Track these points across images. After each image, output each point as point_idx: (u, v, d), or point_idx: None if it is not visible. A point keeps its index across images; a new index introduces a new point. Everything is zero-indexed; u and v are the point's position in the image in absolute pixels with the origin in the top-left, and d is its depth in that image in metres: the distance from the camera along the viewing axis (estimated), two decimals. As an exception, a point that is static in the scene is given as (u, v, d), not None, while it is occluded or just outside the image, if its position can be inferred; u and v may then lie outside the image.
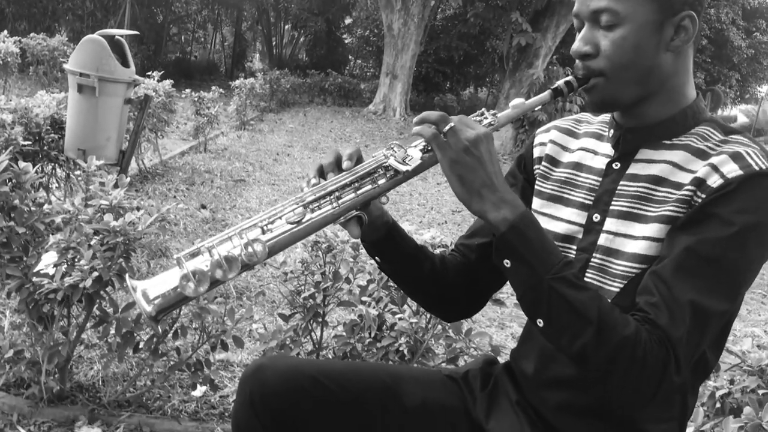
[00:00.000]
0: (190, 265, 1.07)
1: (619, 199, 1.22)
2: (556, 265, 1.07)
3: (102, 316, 2.42)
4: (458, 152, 1.08)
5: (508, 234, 1.08)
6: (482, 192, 1.09)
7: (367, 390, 1.34)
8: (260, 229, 1.12)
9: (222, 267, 1.07)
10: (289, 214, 1.13)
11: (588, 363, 1.06)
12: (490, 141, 1.11)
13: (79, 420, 2.52)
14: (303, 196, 1.15)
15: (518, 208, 1.10)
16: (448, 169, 1.10)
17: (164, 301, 1.08)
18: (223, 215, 5.95)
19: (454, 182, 1.10)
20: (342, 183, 1.17)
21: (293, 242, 1.15)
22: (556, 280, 1.05)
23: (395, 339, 2.35)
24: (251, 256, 1.08)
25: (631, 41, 1.16)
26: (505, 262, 1.10)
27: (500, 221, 1.08)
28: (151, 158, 7.28)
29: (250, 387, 1.30)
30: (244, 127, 11.59)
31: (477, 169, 1.08)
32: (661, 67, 1.19)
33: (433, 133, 1.11)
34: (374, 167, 1.18)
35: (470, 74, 21.94)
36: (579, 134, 1.39)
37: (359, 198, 1.17)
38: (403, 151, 1.17)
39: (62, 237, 2.31)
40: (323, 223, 1.16)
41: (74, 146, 4.75)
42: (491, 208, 1.09)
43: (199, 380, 2.55)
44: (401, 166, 1.15)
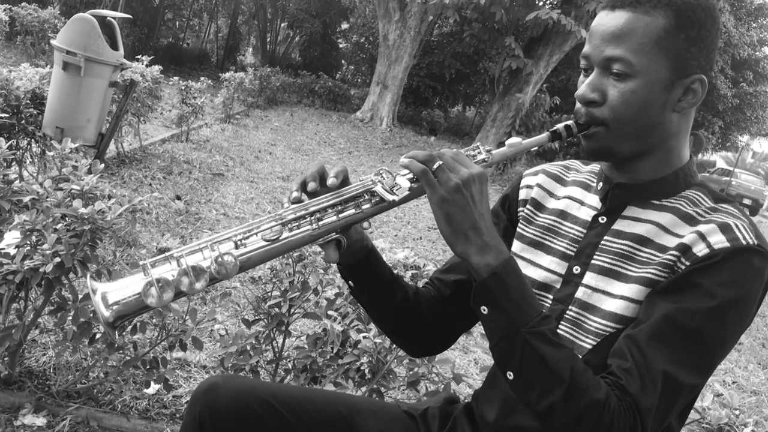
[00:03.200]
0: (156, 272, 1.03)
1: (602, 254, 1.20)
2: (534, 318, 1.04)
3: (60, 303, 2.36)
4: (449, 191, 1.05)
5: (488, 280, 1.05)
6: (468, 234, 1.06)
7: (322, 420, 1.30)
8: (234, 243, 1.08)
9: (189, 278, 1.03)
10: (266, 230, 1.09)
11: (553, 422, 1.03)
12: (483, 182, 1.08)
13: (24, 408, 2.44)
14: (282, 213, 1.11)
15: (502, 255, 1.07)
16: (437, 206, 1.06)
17: (124, 307, 1.04)
18: (198, 208, 5.87)
19: (441, 221, 1.07)
20: (324, 204, 1.13)
21: (267, 259, 1.11)
22: (532, 334, 1.02)
23: (357, 357, 2.31)
24: (221, 270, 1.04)
25: (640, 96, 1.14)
26: (482, 309, 1.07)
27: (483, 266, 1.05)
28: (131, 142, 7.18)
29: (200, 407, 1.26)
30: (228, 121, 11.50)
31: (465, 209, 1.05)
32: (664, 126, 1.17)
33: (423, 169, 1.07)
34: (360, 191, 1.14)
35: (460, 92, 22.02)
36: (567, 181, 1.37)
37: (340, 221, 1.14)
38: (391, 178, 1.14)
39: (27, 218, 2.24)
40: (300, 243, 1.12)
41: (53, 124, 4.66)
42: (475, 251, 1.06)
43: (154, 378, 2.49)
44: (388, 195, 1.12)
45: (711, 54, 1.16)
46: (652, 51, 1.11)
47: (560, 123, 1.21)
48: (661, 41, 1.11)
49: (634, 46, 1.12)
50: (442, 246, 6.97)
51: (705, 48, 1.14)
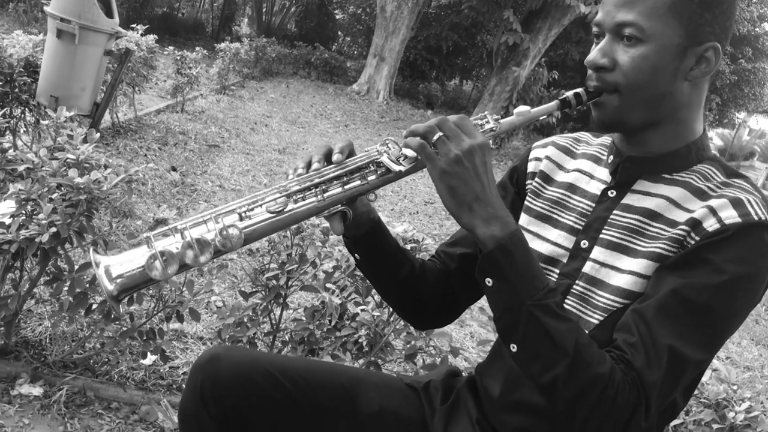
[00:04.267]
0: (160, 245, 1.01)
1: (611, 229, 1.18)
2: (539, 291, 1.02)
3: (56, 274, 2.34)
4: (449, 163, 1.03)
5: (494, 252, 1.03)
6: (473, 206, 1.04)
7: (323, 391, 1.30)
8: (238, 215, 1.06)
9: (193, 250, 1.01)
10: (270, 202, 1.07)
11: (556, 395, 1.02)
12: (486, 152, 1.05)
13: (20, 377, 2.44)
14: (287, 185, 1.09)
15: (509, 226, 1.04)
16: (438, 179, 1.04)
17: (128, 281, 1.02)
18: (193, 180, 5.84)
19: (444, 193, 1.04)
20: (330, 176, 1.11)
21: (271, 232, 1.09)
22: (537, 307, 1.01)
23: (355, 330, 2.31)
24: (225, 242, 1.02)
25: (652, 61, 1.11)
26: (486, 281, 1.05)
27: (488, 238, 1.03)
28: (126, 113, 7.10)
29: (201, 377, 1.24)
30: (224, 92, 11.39)
31: (468, 181, 1.03)
32: (675, 95, 1.15)
33: (420, 143, 1.05)
34: (366, 162, 1.12)
35: (457, 66, 21.85)
36: (576, 154, 1.35)
37: (346, 193, 1.12)
38: (397, 148, 1.11)
39: (23, 187, 2.22)
40: (305, 216, 1.10)
41: (47, 92, 4.60)
42: (481, 223, 1.04)
43: (150, 349, 2.49)
44: (394, 165, 1.09)
45: (726, 22, 1.13)
46: (664, 15, 1.09)
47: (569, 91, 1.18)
48: (675, 6, 1.08)
49: (647, 10, 1.09)
50: (439, 220, 6.97)
51: (720, 14, 1.11)
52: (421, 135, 1.06)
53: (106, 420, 2.40)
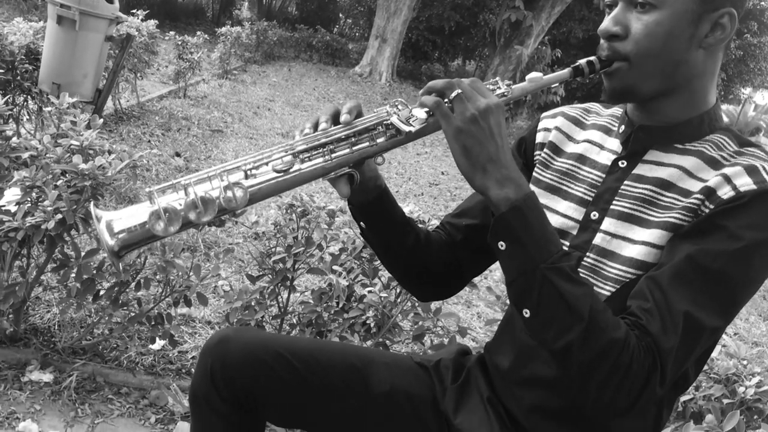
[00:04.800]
0: (163, 201, 0.98)
1: (622, 200, 1.17)
2: (554, 254, 1.00)
3: (63, 260, 2.34)
4: (465, 121, 1.01)
5: (508, 214, 1.01)
6: (487, 167, 1.01)
7: (334, 371, 1.29)
8: (243, 173, 1.03)
9: (197, 208, 0.98)
10: (276, 161, 1.05)
11: (570, 361, 1.00)
12: (501, 113, 1.03)
13: (31, 364, 2.45)
14: (294, 144, 1.07)
15: (522, 188, 1.02)
16: (453, 138, 1.02)
17: (129, 236, 0.99)
18: (198, 165, 5.83)
19: (458, 153, 1.02)
20: (337, 136, 1.08)
21: (277, 192, 1.06)
22: (552, 270, 0.99)
23: (363, 311, 2.31)
24: (230, 201, 1.00)
25: (665, 28, 1.09)
26: (499, 244, 1.03)
27: (502, 200, 1.01)
28: (128, 99, 7.08)
29: (211, 359, 1.24)
30: (226, 77, 11.34)
31: (484, 141, 1.01)
32: (689, 63, 1.13)
33: (436, 101, 1.03)
34: (374, 123, 1.10)
35: (460, 46, 21.69)
36: (586, 125, 1.32)
37: (354, 155, 1.09)
38: (407, 110, 1.09)
39: (27, 174, 2.21)
40: (312, 176, 1.07)
41: (49, 80, 4.58)
42: (494, 185, 1.01)
43: (159, 334, 2.49)
44: (404, 126, 1.07)
45: None
46: None
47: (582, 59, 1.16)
48: None
49: None
50: (444, 202, 6.95)
51: None
52: (438, 91, 1.04)
53: (116, 405, 2.41)
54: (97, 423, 2.30)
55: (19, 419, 2.21)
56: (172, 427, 2.37)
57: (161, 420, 2.39)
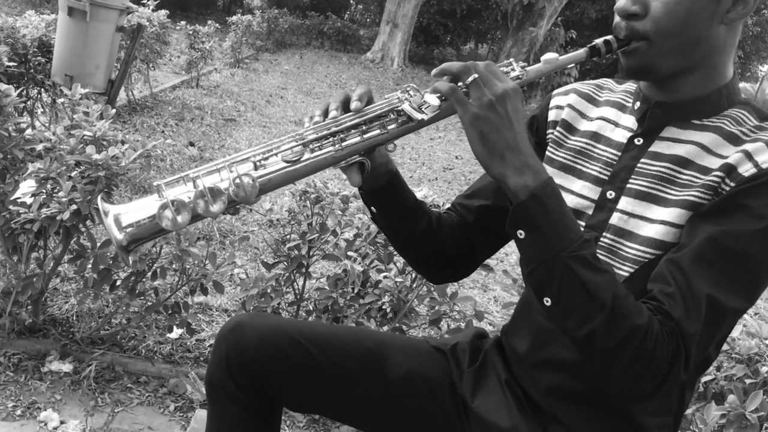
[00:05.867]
0: (171, 193, 0.97)
1: (638, 178, 1.14)
2: (574, 242, 0.98)
3: (79, 251, 2.35)
4: (482, 107, 0.98)
5: (527, 203, 0.98)
6: (505, 154, 0.99)
7: (350, 355, 1.28)
8: (253, 164, 1.01)
9: (206, 200, 0.96)
10: (286, 151, 1.03)
11: (593, 349, 0.98)
12: (518, 97, 1.00)
13: (50, 354, 2.47)
14: (303, 133, 1.05)
15: (541, 175, 1.00)
16: (469, 125, 0.99)
17: (138, 230, 0.98)
18: (212, 154, 5.84)
19: (475, 140, 0.99)
20: (348, 124, 1.06)
21: (287, 182, 1.04)
22: (573, 258, 0.97)
23: (379, 297, 2.30)
24: (239, 192, 0.98)
25: (686, 6, 1.05)
26: (518, 233, 1.00)
27: (520, 188, 0.98)
28: (141, 90, 7.10)
29: (227, 345, 1.24)
30: (238, 65, 11.34)
31: (501, 128, 0.98)
32: (710, 40, 1.09)
33: (451, 87, 1.00)
34: (385, 110, 1.07)
35: (472, 29, 21.53)
36: (600, 102, 1.29)
37: (365, 142, 1.07)
38: (419, 96, 1.06)
39: (42, 166, 2.22)
40: (322, 166, 1.05)
41: (61, 71, 4.60)
42: (513, 172, 0.99)
43: (176, 323, 2.50)
44: (416, 113, 1.04)
45: None
46: None
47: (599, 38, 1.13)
48: None
49: None
50: (458, 186, 6.92)
51: None
52: (454, 75, 1.01)
53: (135, 394, 2.42)
54: (117, 412, 2.32)
55: (40, 409, 2.23)
56: (191, 415, 2.38)
57: (180, 408, 2.41)
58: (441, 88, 1.02)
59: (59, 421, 2.19)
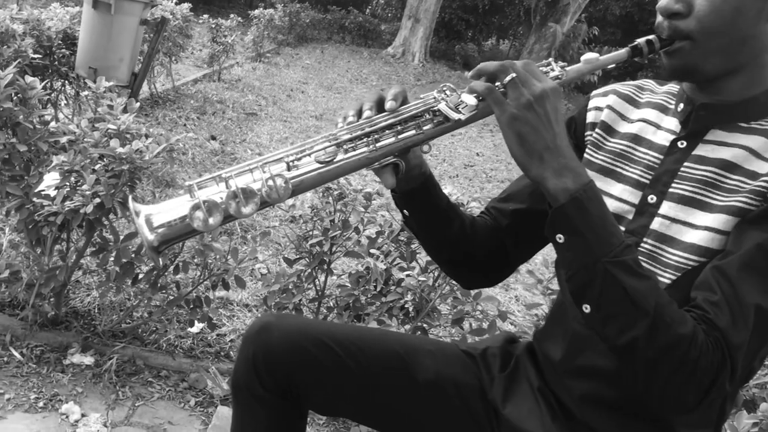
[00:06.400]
0: (203, 194, 0.95)
1: (681, 182, 1.10)
2: (616, 247, 0.94)
3: (102, 244, 2.35)
4: (519, 108, 0.95)
5: (567, 206, 0.95)
6: (543, 155, 0.95)
7: (378, 359, 1.26)
8: (286, 164, 0.99)
9: (238, 201, 0.94)
10: (319, 152, 1.00)
11: (634, 357, 0.95)
12: (558, 97, 0.97)
13: (72, 347, 2.47)
14: (337, 133, 1.03)
15: (582, 177, 0.96)
16: (507, 126, 0.96)
17: (169, 231, 0.96)
18: (233, 148, 5.84)
19: (513, 142, 0.96)
20: (382, 124, 1.03)
21: (320, 183, 1.03)
22: (614, 264, 0.93)
23: (401, 295, 2.28)
24: (272, 194, 0.96)
25: (732, 3, 1.01)
26: (558, 237, 0.97)
27: (560, 191, 0.95)
28: (164, 83, 7.13)
29: (253, 347, 1.22)
30: (259, 59, 11.35)
31: (540, 128, 0.95)
32: (757, 38, 1.05)
33: (488, 87, 0.97)
34: (421, 110, 1.04)
35: (494, 25, 21.40)
36: (640, 103, 1.25)
37: (400, 143, 1.04)
38: (456, 95, 1.03)
39: (66, 159, 2.22)
40: (356, 167, 1.03)
41: (85, 64, 4.61)
42: (552, 174, 0.95)
43: (197, 317, 2.50)
44: (453, 114, 1.01)
45: None
46: None
47: (641, 38, 1.09)
48: None
49: None
50: (479, 183, 6.88)
51: None
52: (491, 75, 0.98)
53: (156, 388, 2.42)
54: (138, 405, 2.32)
55: (61, 401, 2.24)
56: (211, 410, 2.37)
57: (201, 403, 2.40)
58: (477, 88, 0.99)
59: (80, 414, 2.20)
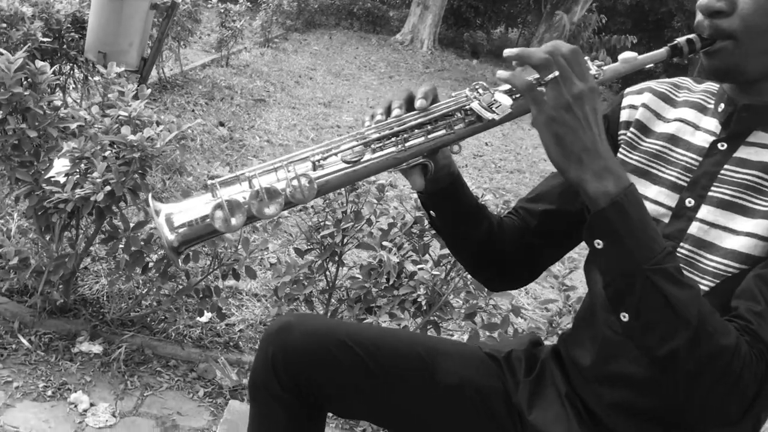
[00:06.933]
0: (225, 193, 0.92)
1: (721, 186, 1.05)
2: (657, 254, 0.90)
3: (111, 232, 2.33)
4: (557, 109, 0.91)
5: (608, 210, 0.91)
6: (582, 158, 0.91)
7: (399, 361, 1.22)
8: (311, 163, 0.96)
9: (261, 201, 0.91)
10: (346, 151, 0.97)
11: (675, 368, 0.91)
12: (597, 98, 0.93)
13: (80, 335, 2.45)
14: (365, 132, 0.99)
15: (622, 181, 0.92)
16: (544, 127, 0.92)
17: (190, 231, 0.93)
18: (241, 135, 5.81)
19: (550, 143, 0.92)
20: (412, 123, 1.00)
21: (346, 184, 0.99)
22: (656, 272, 0.89)
23: (414, 289, 2.25)
24: (296, 194, 0.92)
25: None
26: (596, 243, 0.93)
27: (601, 194, 0.91)
28: (172, 68, 7.09)
29: (273, 347, 1.19)
30: (267, 45, 11.30)
31: (578, 130, 0.91)
32: None
33: (529, 84, 0.92)
34: (453, 109, 1.00)
35: (503, 12, 21.23)
36: (677, 102, 1.20)
37: (429, 143, 1.00)
38: (489, 94, 0.99)
39: (76, 145, 2.19)
40: (383, 167, 0.99)
41: (95, 48, 4.57)
42: (592, 177, 0.91)
43: (207, 307, 2.48)
44: (487, 113, 0.97)
45: None
46: None
47: (681, 37, 1.04)
48: None
49: None
50: (488, 174, 6.84)
51: None
52: (536, 66, 0.93)
53: (165, 378, 2.41)
54: (146, 395, 2.30)
55: (70, 390, 2.22)
56: (220, 401, 2.36)
57: (209, 394, 2.38)
58: (517, 84, 0.94)
59: (89, 404, 2.18)
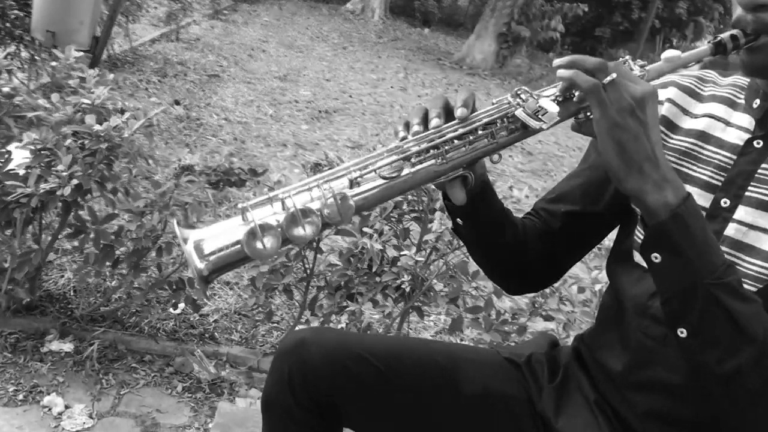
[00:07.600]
0: (257, 216, 0.86)
1: (759, 185, 1.01)
2: (719, 268, 0.86)
3: (79, 226, 2.22)
4: (621, 113, 0.86)
5: (668, 223, 0.86)
6: (644, 167, 0.86)
7: (420, 373, 1.18)
8: (349, 181, 0.91)
9: (298, 224, 0.86)
10: (384, 167, 0.92)
11: (737, 385, 0.88)
12: (656, 101, 0.89)
13: (49, 333, 2.36)
14: (404, 146, 0.94)
15: (681, 191, 0.88)
16: (606, 133, 0.87)
17: (220, 259, 0.87)
18: (198, 113, 5.64)
19: (610, 151, 0.87)
20: (452, 135, 0.94)
21: (384, 200, 0.96)
22: (718, 287, 0.85)
23: (397, 276, 2.21)
24: (334, 216, 0.88)
25: None
26: (653, 256, 0.89)
27: (661, 206, 0.86)
28: (121, 44, 6.82)
29: (289, 364, 1.13)
30: (217, 17, 10.99)
31: (640, 136, 0.86)
32: None
33: (595, 84, 0.87)
34: (495, 118, 0.95)
35: (453, -20, 21.12)
36: (704, 96, 1.15)
37: (471, 154, 0.95)
38: (533, 100, 0.93)
39: (37, 136, 2.07)
40: (422, 181, 0.95)
41: (42, 27, 4.35)
42: (653, 188, 0.86)
43: (181, 299, 2.40)
44: (533, 122, 0.92)
45: None
46: None
47: (724, 33, 0.99)
48: None
49: None
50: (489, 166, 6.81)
51: None
52: (589, 72, 0.88)
53: (141, 374, 2.33)
54: (123, 394, 2.23)
55: (42, 393, 2.13)
56: (200, 396, 2.30)
57: (188, 388, 2.32)
58: (581, 84, 0.88)
59: (64, 406, 2.10)
